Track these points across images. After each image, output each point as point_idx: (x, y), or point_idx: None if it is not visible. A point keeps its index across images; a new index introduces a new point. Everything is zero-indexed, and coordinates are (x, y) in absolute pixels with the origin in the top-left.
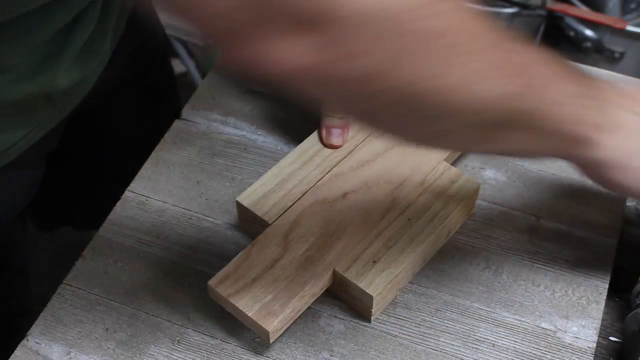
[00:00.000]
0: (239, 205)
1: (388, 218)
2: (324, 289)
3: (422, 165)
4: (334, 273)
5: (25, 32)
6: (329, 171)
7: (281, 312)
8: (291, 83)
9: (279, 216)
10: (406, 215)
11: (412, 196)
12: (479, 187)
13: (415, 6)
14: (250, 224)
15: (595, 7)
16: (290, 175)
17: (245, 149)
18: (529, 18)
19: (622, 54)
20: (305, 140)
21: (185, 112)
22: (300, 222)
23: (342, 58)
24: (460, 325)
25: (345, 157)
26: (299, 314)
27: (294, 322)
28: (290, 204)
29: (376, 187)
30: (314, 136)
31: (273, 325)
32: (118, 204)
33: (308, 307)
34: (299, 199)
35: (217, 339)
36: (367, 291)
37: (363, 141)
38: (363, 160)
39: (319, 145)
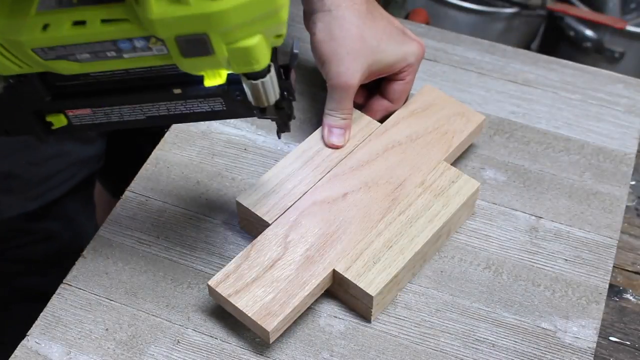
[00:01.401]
0: (239, 205)
1: (388, 218)
2: (324, 289)
3: (422, 165)
4: (334, 273)
5: None
6: (329, 171)
7: (281, 312)
8: None
9: (279, 216)
10: (406, 215)
11: (412, 196)
12: (479, 187)
13: None
14: (250, 224)
15: (595, 7)
16: (290, 175)
17: (245, 149)
18: (529, 18)
19: (622, 54)
20: (305, 140)
21: None
22: (300, 222)
23: None
24: (460, 325)
25: (345, 157)
26: (299, 314)
27: (294, 322)
28: (290, 204)
29: (376, 187)
30: (314, 136)
31: (273, 325)
32: (118, 204)
33: (308, 307)
34: (299, 199)
35: (217, 339)
36: (367, 291)
37: (363, 141)
38: (363, 160)
39: (319, 145)
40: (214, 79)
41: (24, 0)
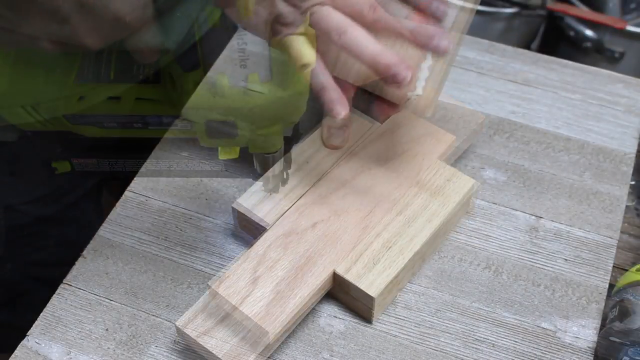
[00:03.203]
0: (237, 210)
1: (387, 219)
2: (325, 292)
3: (420, 165)
4: (334, 274)
5: None
6: (328, 172)
7: (281, 313)
8: None
9: (278, 218)
10: (404, 216)
11: (410, 196)
12: (475, 185)
13: None
14: (249, 226)
15: (595, 7)
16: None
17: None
18: (529, 18)
19: (622, 54)
20: (305, 141)
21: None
22: (299, 223)
23: None
24: (460, 325)
25: (343, 157)
26: (299, 315)
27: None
28: (289, 205)
29: (376, 187)
30: (311, 137)
31: (273, 325)
32: (118, 203)
33: None
34: (298, 200)
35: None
36: (368, 292)
37: (362, 142)
38: (361, 161)
39: (318, 145)
40: (229, 154)
41: (63, 69)
